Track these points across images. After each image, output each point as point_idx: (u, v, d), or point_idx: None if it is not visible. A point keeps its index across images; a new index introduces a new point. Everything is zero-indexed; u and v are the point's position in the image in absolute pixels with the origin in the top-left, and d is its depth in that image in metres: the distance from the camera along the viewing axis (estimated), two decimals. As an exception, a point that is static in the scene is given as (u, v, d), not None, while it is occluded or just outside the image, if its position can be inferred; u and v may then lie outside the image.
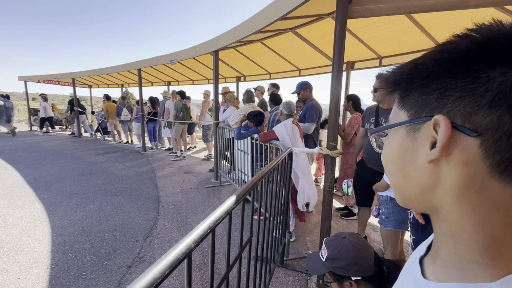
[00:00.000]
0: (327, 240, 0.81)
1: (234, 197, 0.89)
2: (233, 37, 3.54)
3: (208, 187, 4.04)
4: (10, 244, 2.33)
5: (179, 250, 0.56)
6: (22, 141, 7.94)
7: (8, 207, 3.09)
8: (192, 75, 7.94)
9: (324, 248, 0.79)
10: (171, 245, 2.40)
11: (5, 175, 4.34)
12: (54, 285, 1.84)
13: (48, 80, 10.41)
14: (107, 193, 3.65)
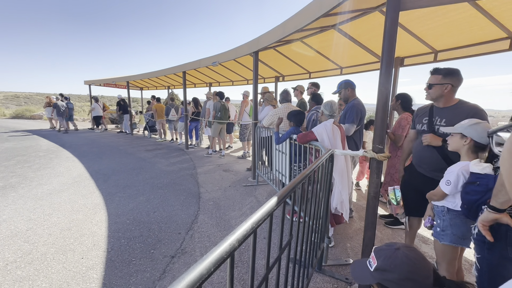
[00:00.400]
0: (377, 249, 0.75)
1: (275, 198, 0.88)
2: (273, 37, 3.53)
3: (246, 186, 4.11)
4: (76, 227, 2.67)
5: (223, 248, 0.57)
6: (86, 138, 9.06)
7: (75, 195, 3.55)
8: (232, 76, 8.16)
9: (373, 257, 0.73)
10: (210, 240, 2.50)
11: (73, 167, 5.00)
12: (109, 267, 2.06)
13: (107, 83, 11.70)
14: (154, 187, 3.96)
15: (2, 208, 3.05)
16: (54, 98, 11.06)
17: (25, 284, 1.83)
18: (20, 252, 2.21)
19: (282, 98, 3.77)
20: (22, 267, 2.02)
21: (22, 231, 2.56)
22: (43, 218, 2.85)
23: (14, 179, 4.16)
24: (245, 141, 6.37)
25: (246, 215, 3.06)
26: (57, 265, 2.05)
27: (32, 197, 3.42)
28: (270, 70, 6.60)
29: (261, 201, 3.51)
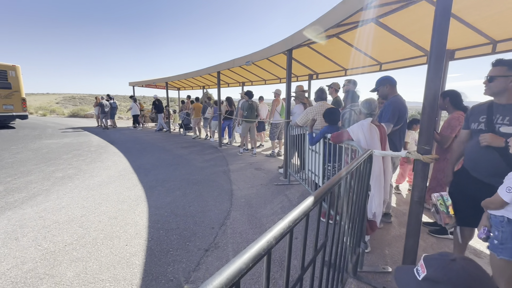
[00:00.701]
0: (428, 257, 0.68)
1: (311, 198, 0.86)
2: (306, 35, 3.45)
3: (277, 185, 4.10)
4: (121, 216, 2.92)
5: (261, 245, 0.57)
6: (129, 135, 9.84)
7: (120, 187, 3.88)
8: (264, 75, 8.18)
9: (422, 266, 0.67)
10: (242, 236, 2.54)
11: (119, 161, 5.47)
12: (150, 255, 2.21)
13: (148, 84, 12.56)
14: (190, 182, 4.15)
15: (62, 196, 3.46)
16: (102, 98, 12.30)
17: (80, 264, 2.06)
18: (76, 236, 2.48)
19: (317, 96, 3.66)
20: (77, 249, 2.27)
21: (77, 217, 2.88)
22: (94, 206, 3.16)
23: (71, 170, 4.69)
24: (274, 140, 6.35)
25: (278, 214, 3.05)
26: (106, 250, 2.27)
27: (85, 187, 3.82)
28: (304, 68, 6.48)
29: (293, 201, 3.47)
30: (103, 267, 2.03)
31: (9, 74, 10.64)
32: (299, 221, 0.75)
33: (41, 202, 3.24)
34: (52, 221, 2.77)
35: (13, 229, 2.57)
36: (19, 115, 11.03)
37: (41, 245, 2.31)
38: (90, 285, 1.83)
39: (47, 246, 2.30)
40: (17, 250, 2.23)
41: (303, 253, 0.89)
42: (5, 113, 10.62)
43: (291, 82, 4.30)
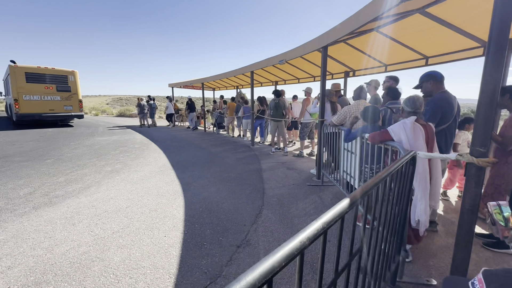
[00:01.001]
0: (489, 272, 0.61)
1: (347, 200, 0.82)
2: (344, 29, 3.31)
3: (310, 186, 4.01)
4: (160, 209, 3.13)
5: (293, 245, 0.57)
6: (168, 133, 10.47)
7: (160, 181, 4.16)
8: (298, 73, 8.06)
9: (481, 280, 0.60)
10: (273, 235, 2.54)
11: (159, 158, 5.86)
12: (185, 247, 2.33)
13: (186, 85, 13.22)
14: (223, 180, 4.28)
15: (110, 188, 3.82)
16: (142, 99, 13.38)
17: (125, 251, 2.25)
18: (122, 225, 2.72)
19: (356, 95, 3.48)
20: (123, 237, 2.48)
21: (123, 208, 3.15)
22: (137, 199, 3.44)
23: (118, 165, 5.15)
24: (303, 140, 6.22)
25: (310, 215, 2.99)
26: (147, 239, 2.45)
27: (130, 181, 4.17)
28: (339, 65, 6.23)
29: (326, 202, 3.37)
30: (144, 255, 2.20)
31: (69, 78, 12.10)
32: (333, 224, 0.72)
33: (93, 193, 3.62)
34: (103, 210, 3.07)
35: (71, 216, 2.92)
36: (77, 114, 12.49)
37: (93, 231, 2.58)
38: (133, 271, 2.00)
39: (98, 232, 2.57)
40: (74, 234, 2.53)
41: (337, 257, 0.86)
42: (66, 113, 12.12)
43: (326, 80, 4.17)
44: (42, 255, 2.18)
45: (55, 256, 2.17)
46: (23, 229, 2.61)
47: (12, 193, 3.56)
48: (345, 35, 3.40)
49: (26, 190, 3.69)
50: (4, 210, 3.05)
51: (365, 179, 2.63)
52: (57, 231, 2.57)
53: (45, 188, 3.78)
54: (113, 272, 1.98)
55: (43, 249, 2.27)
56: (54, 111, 11.74)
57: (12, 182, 4.04)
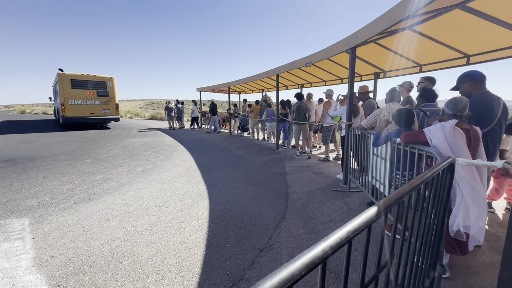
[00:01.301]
0: None
1: (375, 208, 0.78)
2: (374, 29, 3.18)
3: (336, 191, 3.88)
4: (186, 209, 3.23)
5: (315, 253, 0.54)
6: (195, 136, 10.82)
7: (187, 182, 4.30)
8: (325, 76, 7.89)
9: None
10: (297, 241, 2.49)
11: (186, 159, 6.07)
12: (209, 248, 2.37)
13: (213, 89, 13.60)
14: (247, 183, 4.30)
15: (141, 187, 4.04)
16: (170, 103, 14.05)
17: (152, 248, 2.36)
18: (150, 223, 2.86)
19: (390, 97, 3.25)
20: (151, 234, 2.60)
21: (152, 206, 3.31)
22: (165, 198, 3.58)
23: (149, 165, 5.44)
24: (327, 144, 6.05)
25: (336, 222, 2.88)
26: (173, 238, 2.54)
27: (159, 181, 4.37)
28: (369, 66, 5.98)
29: (353, 209, 3.23)
30: (171, 253, 2.28)
31: (108, 84, 13.11)
32: (359, 232, 0.68)
33: (126, 191, 3.85)
34: (134, 208, 3.25)
35: (106, 212, 3.13)
36: (114, 117, 13.48)
37: (125, 227, 2.74)
38: (160, 267, 2.08)
39: (129, 228, 2.72)
40: (108, 229, 2.70)
41: (363, 268, 0.81)
42: (104, 116, 13.14)
43: (354, 82, 4.02)
44: (80, 247, 2.36)
45: (91, 249, 2.34)
46: (65, 222, 2.85)
47: (57, 189, 3.92)
48: (375, 35, 3.26)
49: (68, 187, 4.03)
50: (50, 204, 3.36)
51: (396, 186, 2.48)
52: (94, 226, 2.77)
53: (85, 185, 4.10)
54: (142, 267, 2.08)
55: (81, 242, 2.45)
56: (94, 114, 12.78)
57: (57, 179, 4.44)
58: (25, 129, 12.48)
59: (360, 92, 4.63)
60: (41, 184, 4.14)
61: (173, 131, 12.64)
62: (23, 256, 2.23)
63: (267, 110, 8.57)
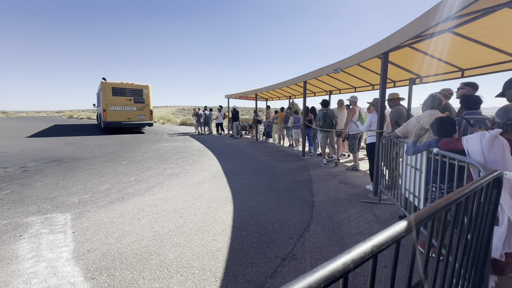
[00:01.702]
0: None
1: (404, 222, 0.72)
2: (409, 32, 3.02)
3: (365, 202, 3.68)
4: (211, 213, 3.29)
5: (335, 266, 0.52)
6: (222, 141, 11.07)
7: (213, 187, 4.39)
8: (354, 82, 7.64)
9: None
10: (321, 252, 2.40)
11: (213, 164, 6.22)
12: (232, 253, 2.38)
13: (240, 96, 13.86)
14: (271, 189, 4.27)
15: (170, 190, 4.22)
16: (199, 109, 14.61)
17: (178, 249, 2.43)
18: (177, 224, 2.96)
19: (427, 105, 2.98)
20: (177, 236, 2.69)
21: (178, 208, 3.43)
22: (191, 201, 3.69)
23: (177, 169, 5.66)
24: (355, 153, 5.80)
25: (364, 235, 2.73)
26: (197, 241, 2.59)
27: (186, 184, 4.52)
28: (403, 72, 5.67)
29: (383, 223, 3.04)
30: (195, 256, 2.33)
31: (144, 92, 14.06)
32: (386, 247, 0.64)
33: (156, 193, 4.04)
34: (162, 209, 3.39)
35: (137, 211, 3.31)
36: (148, 123, 14.39)
37: (153, 228, 2.87)
38: (184, 269, 2.13)
39: (157, 229, 2.84)
40: (138, 228, 2.85)
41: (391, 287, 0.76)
42: (140, 122, 14.09)
43: (386, 89, 3.83)
44: (113, 244, 2.51)
45: (123, 246, 2.48)
46: (101, 219, 3.07)
47: (95, 188, 4.25)
48: (410, 39, 3.09)
49: (105, 186, 4.35)
50: (89, 202, 3.64)
51: (433, 199, 2.28)
52: (125, 224, 2.94)
53: (119, 186, 4.39)
54: (167, 267, 2.15)
55: (114, 239, 2.61)
56: (131, 119, 13.76)
57: (97, 179, 4.82)
58: (71, 132, 13.81)
59: (389, 99, 4.40)
60: (83, 183, 4.51)
61: (201, 136, 13.09)
62: (64, 248, 2.43)
63: (294, 117, 8.56)
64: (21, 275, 2.03)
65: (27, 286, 1.91)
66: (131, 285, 1.93)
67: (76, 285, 1.93)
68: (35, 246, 2.46)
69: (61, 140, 10.46)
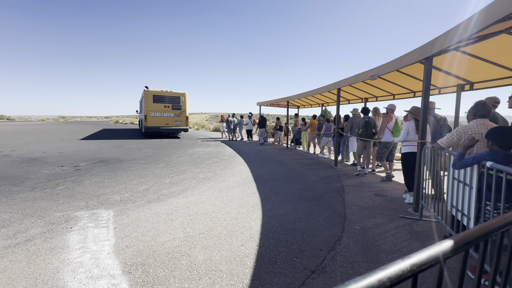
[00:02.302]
0: None
1: (450, 242, 0.66)
2: (458, 35, 2.78)
3: (404, 218, 3.41)
4: (240, 218, 3.32)
5: (369, 282, 0.49)
6: (253, 147, 11.18)
7: (242, 192, 4.44)
8: (393, 89, 7.22)
9: None
10: (353, 268, 2.27)
11: (243, 170, 6.31)
12: (259, 260, 2.37)
13: (272, 103, 13.94)
14: (301, 198, 4.18)
15: (202, 193, 4.36)
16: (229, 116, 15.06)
17: (207, 252, 2.49)
18: (207, 227, 3.03)
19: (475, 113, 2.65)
20: (207, 239, 2.76)
21: (209, 212, 3.52)
22: (221, 206, 3.77)
23: (209, 173, 5.85)
24: (382, 161, 5.57)
25: (402, 253, 2.52)
26: (226, 245, 2.63)
27: (217, 189, 4.64)
28: (450, 78, 5.22)
29: (424, 241, 2.77)
30: (223, 260, 2.36)
31: (181, 99, 14.92)
32: (428, 267, 0.59)
33: (188, 196, 4.21)
34: (194, 211, 3.52)
35: (171, 212, 3.47)
36: (183, 128, 15.20)
37: (185, 229, 2.98)
38: (212, 272, 2.17)
39: (188, 230, 2.94)
40: (172, 229, 2.99)
41: (434, 312, 0.69)
42: (176, 127, 14.94)
43: (429, 96, 3.55)
44: (148, 241, 2.67)
45: (157, 244, 2.62)
46: (139, 217, 3.28)
47: (135, 188, 4.57)
48: (459, 42, 2.84)
49: (144, 187, 4.66)
50: (129, 200, 3.93)
51: (487, 219, 2.03)
52: (160, 224, 3.10)
53: (156, 187, 4.66)
54: (196, 269, 2.21)
55: (150, 237, 2.77)
56: (169, 125, 14.66)
57: (136, 179, 5.19)
58: (117, 136, 15.15)
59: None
60: (124, 183, 4.89)
61: (232, 142, 13.39)
62: (106, 242, 2.65)
63: (326, 124, 8.48)
64: (70, 263, 2.25)
65: (74, 274, 2.11)
66: (163, 283, 2.02)
67: (115, 278, 2.07)
68: (82, 238, 2.71)
69: (108, 143, 11.51)
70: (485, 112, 2.62)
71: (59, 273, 2.11)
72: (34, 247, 2.52)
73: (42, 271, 2.13)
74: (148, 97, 14.08)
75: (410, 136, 4.13)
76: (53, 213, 3.36)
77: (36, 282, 2.00)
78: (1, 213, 3.33)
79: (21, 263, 2.25)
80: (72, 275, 2.09)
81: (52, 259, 2.32)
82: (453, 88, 5.68)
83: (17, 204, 3.66)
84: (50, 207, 3.57)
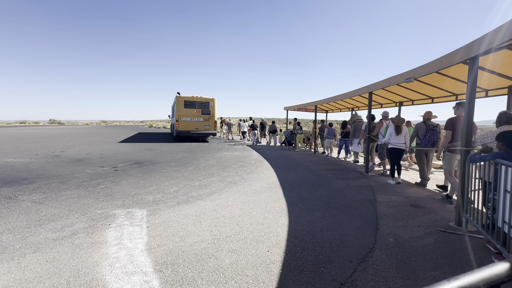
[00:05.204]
0: None
1: (506, 264, 0.58)
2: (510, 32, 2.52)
3: (445, 232, 3.12)
4: (266, 224, 3.30)
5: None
6: (279, 152, 11.11)
7: (268, 198, 4.42)
8: (431, 92, 6.73)
9: None
10: (387, 283, 2.13)
11: (270, 175, 6.29)
12: (285, 268, 2.32)
13: (300, 108, 13.79)
14: (330, 206, 4.04)
15: (229, 197, 4.43)
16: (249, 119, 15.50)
17: (234, 256, 2.50)
18: (233, 231, 3.06)
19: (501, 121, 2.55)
20: (233, 242, 2.78)
21: (235, 216, 3.55)
22: (248, 210, 3.79)
23: (236, 177, 5.92)
24: (383, 160, 6.68)
25: (443, 272, 2.30)
26: (252, 250, 2.63)
27: (244, 193, 4.67)
28: (499, 79, 4.73)
29: (470, 260, 2.51)
30: (249, 265, 2.36)
31: (210, 104, 15.41)
32: (479, 292, 0.52)
33: (216, 199, 4.30)
34: (221, 214, 3.58)
35: (199, 215, 3.57)
36: (212, 132, 15.68)
37: (212, 232, 3.04)
38: (237, 276, 2.18)
39: (216, 233, 3.00)
40: (200, 230, 3.07)
41: None
42: (205, 131, 15.46)
43: (475, 99, 3.25)
44: (177, 242, 2.77)
45: (186, 245, 2.70)
46: (170, 218, 3.42)
47: (167, 189, 4.79)
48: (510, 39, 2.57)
49: (174, 189, 4.86)
50: (161, 201, 4.12)
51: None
52: (189, 225, 3.20)
53: (186, 189, 4.84)
54: (223, 272, 2.24)
55: (179, 237, 2.87)
56: (198, 129, 15.23)
57: (168, 181, 5.43)
58: (151, 139, 16.07)
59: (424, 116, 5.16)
60: (157, 184, 5.15)
61: (259, 146, 13.43)
62: (140, 240, 2.80)
63: (328, 128, 9.85)
64: (108, 258, 2.42)
65: (111, 268, 2.26)
66: (191, 283, 2.07)
67: (147, 275, 2.18)
68: (119, 235, 2.90)
69: (143, 146, 12.25)
70: (507, 119, 3.03)
71: (98, 267, 2.28)
72: (78, 241, 2.75)
73: (84, 264, 2.32)
74: (180, 102, 14.78)
75: (392, 138, 5.61)
76: (94, 210, 3.65)
77: (79, 273, 2.18)
78: (52, 208, 3.69)
79: (66, 254, 2.47)
80: (109, 269, 2.24)
81: (93, 253, 2.51)
82: (504, 90, 5.13)
83: (64, 201, 4.04)
84: (91, 204, 3.88)
